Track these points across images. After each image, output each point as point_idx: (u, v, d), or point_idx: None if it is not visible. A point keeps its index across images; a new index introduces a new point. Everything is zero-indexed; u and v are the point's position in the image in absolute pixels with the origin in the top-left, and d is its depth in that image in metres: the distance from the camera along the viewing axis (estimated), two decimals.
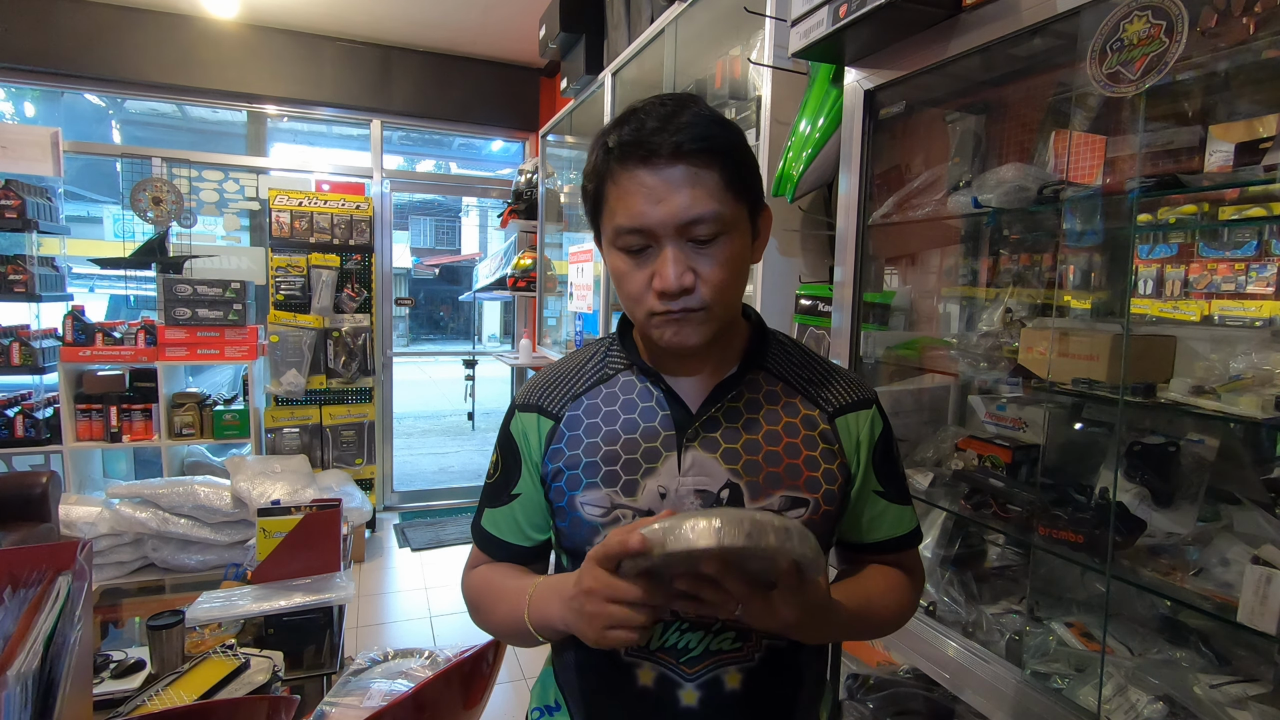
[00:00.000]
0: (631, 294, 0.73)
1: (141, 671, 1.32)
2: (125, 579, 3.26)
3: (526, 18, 3.69)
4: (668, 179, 0.67)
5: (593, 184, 0.74)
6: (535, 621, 0.75)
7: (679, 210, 0.67)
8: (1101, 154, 1.15)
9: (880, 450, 0.82)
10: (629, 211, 0.69)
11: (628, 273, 0.72)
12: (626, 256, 0.72)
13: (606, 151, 0.71)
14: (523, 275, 4.34)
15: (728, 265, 0.70)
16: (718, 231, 0.69)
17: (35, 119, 4.65)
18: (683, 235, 0.69)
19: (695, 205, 0.67)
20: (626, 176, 0.69)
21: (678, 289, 0.68)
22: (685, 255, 0.69)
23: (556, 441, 0.80)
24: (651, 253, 0.70)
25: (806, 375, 0.82)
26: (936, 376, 1.57)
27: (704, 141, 0.67)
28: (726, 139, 0.70)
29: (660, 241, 0.69)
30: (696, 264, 0.70)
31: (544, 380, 0.85)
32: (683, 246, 0.69)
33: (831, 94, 1.56)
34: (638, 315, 0.74)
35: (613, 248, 0.73)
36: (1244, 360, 1.03)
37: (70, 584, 0.84)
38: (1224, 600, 0.93)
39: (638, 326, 0.77)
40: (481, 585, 0.86)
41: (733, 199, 0.70)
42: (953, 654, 1.23)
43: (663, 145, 0.67)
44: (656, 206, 0.68)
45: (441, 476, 6.03)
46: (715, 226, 0.69)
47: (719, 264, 0.70)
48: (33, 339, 3.45)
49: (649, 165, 0.68)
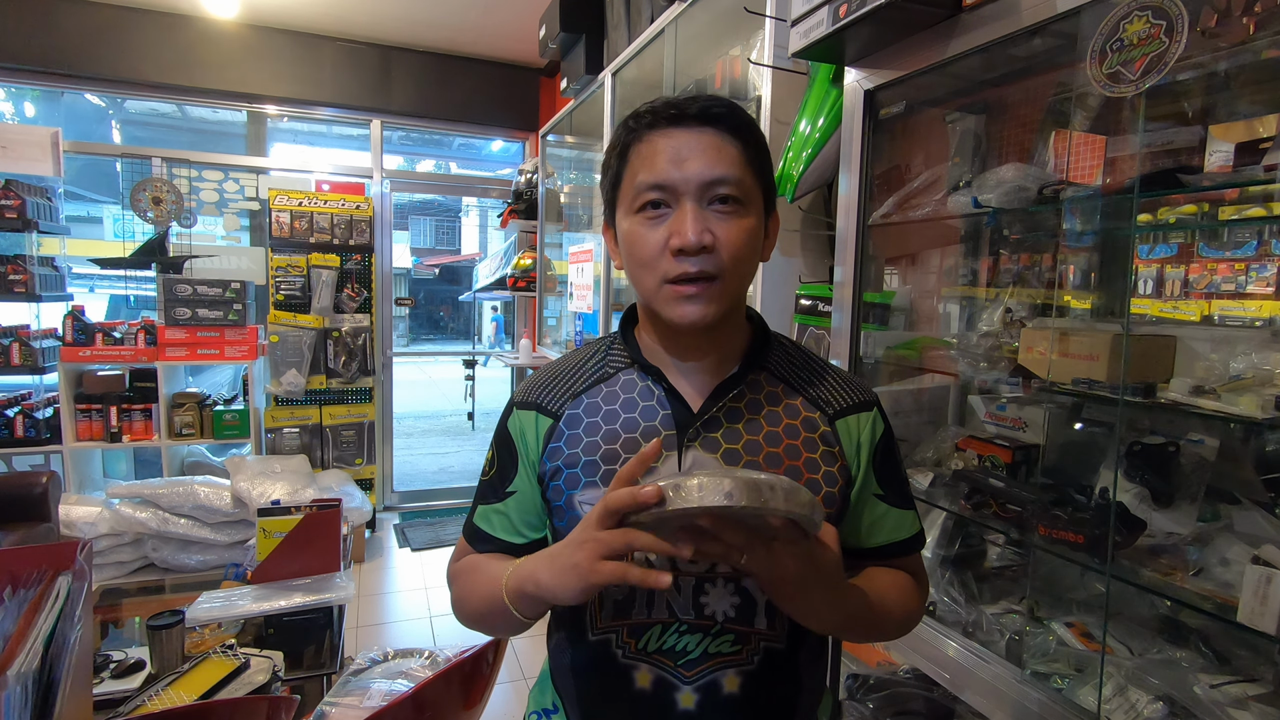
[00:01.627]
0: (645, 258, 0.72)
1: (141, 671, 1.32)
2: (125, 579, 3.26)
3: (526, 18, 3.69)
4: (694, 139, 0.70)
5: (617, 150, 0.76)
6: (512, 589, 0.72)
7: (703, 168, 0.69)
8: (1101, 154, 1.15)
9: (881, 453, 0.81)
10: (653, 168, 0.71)
11: (643, 235, 0.72)
12: (643, 219, 0.72)
13: (636, 118, 0.74)
14: (523, 275, 4.34)
15: (745, 235, 0.72)
16: (738, 198, 0.71)
17: (35, 119, 4.65)
18: (703, 196, 0.70)
19: (719, 165, 0.70)
20: (656, 134, 0.72)
21: (697, 245, 0.69)
22: (704, 216, 0.70)
23: (555, 440, 0.79)
24: (668, 215, 0.71)
25: (807, 377, 0.82)
26: (936, 376, 1.57)
27: (731, 113, 0.71)
28: (751, 120, 0.74)
29: (680, 200, 0.71)
30: (715, 226, 0.70)
31: (543, 378, 0.85)
32: (703, 207, 0.71)
33: (831, 94, 1.56)
34: (649, 285, 0.73)
35: (629, 213, 0.74)
36: (1244, 360, 1.03)
37: (70, 584, 0.84)
38: (1224, 600, 0.93)
39: (647, 302, 0.77)
40: (466, 568, 0.85)
41: (753, 176, 0.72)
42: (953, 654, 1.23)
43: (691, 107, 0.70)
44: (682, 164, 0.70)
45: (441, 476, 6.02)
46: (737, 191, 0.71)
47: (737, 231, 0.71)
48: (33, 339, 3.45)
49: (678, 124, 0.71)
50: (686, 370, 0.79)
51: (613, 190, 0.77)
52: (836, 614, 0.69)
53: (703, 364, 0.79)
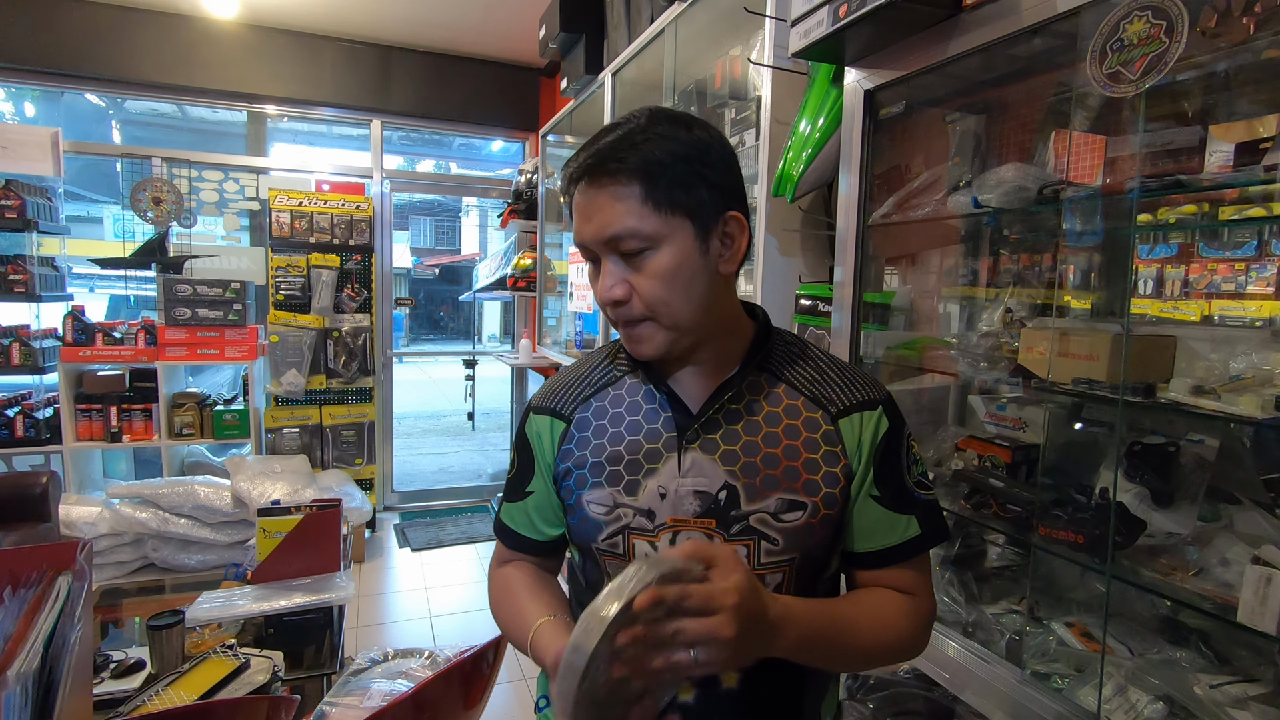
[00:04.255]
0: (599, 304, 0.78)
1: (141, 671, 1.32)
2: (125, 579, 3.26)
3: (526, 18, 3.69)
4: (594, 197, 0.73)
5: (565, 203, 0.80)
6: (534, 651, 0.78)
7: (600, 227, 0.73)
8: (1101, 154, 1.15)
9: (881, 452, 0.78)
10: (577, 228, 0.76)
11: (593, 284, 0.78)
12: (590, 269, 0.78)
13: (566, 171, 0.77)
14: (523, 275, 4.34)
15: (660, 278, 0.73)
16: (644, 246, 0.72)
17: (35, 119, 4.65)
18: (613, 250, 0.73)
19: (614, 223, 0.72)
20: (576, 191, 0.75)
21: (606, 300, 0.75)
22: (621, 269, 0.74)
23: (568, 442, 0.84)
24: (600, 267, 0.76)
25: (810, 376, 0.81)
26: (936, 376, 1.57)
27: (617, 163, 0.71)
28: (644, 156, 0.70)
29: (599, 257, 0.75)
30: (631, 276, 0.74)
31: (558, 383, 0.90)
32: (617, 261, 0.74)
33: (831, 94, 1.56)
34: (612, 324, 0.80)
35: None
36: (1244, 360, 1.03)
37: (70, 584, 0.84)
38: (1224, 600, 0.93)
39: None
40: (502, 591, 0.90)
41: (655, 213, 0.71)
42: (953, 654, 1.23)
43: (591, 160, 0.72)
44: (587, 225, 0.74)
45: (441, 476, 6.02)
46: (638, 242, 0.72)
47: (649, 276, 0.73)
48: (33, 339, 3.45)
49: (580, 187, 0.74)
50: (686, 374, 0.81)
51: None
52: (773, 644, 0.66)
53: (701, 368, 0.80)
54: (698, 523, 0.76)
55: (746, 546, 0.75)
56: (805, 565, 0.77)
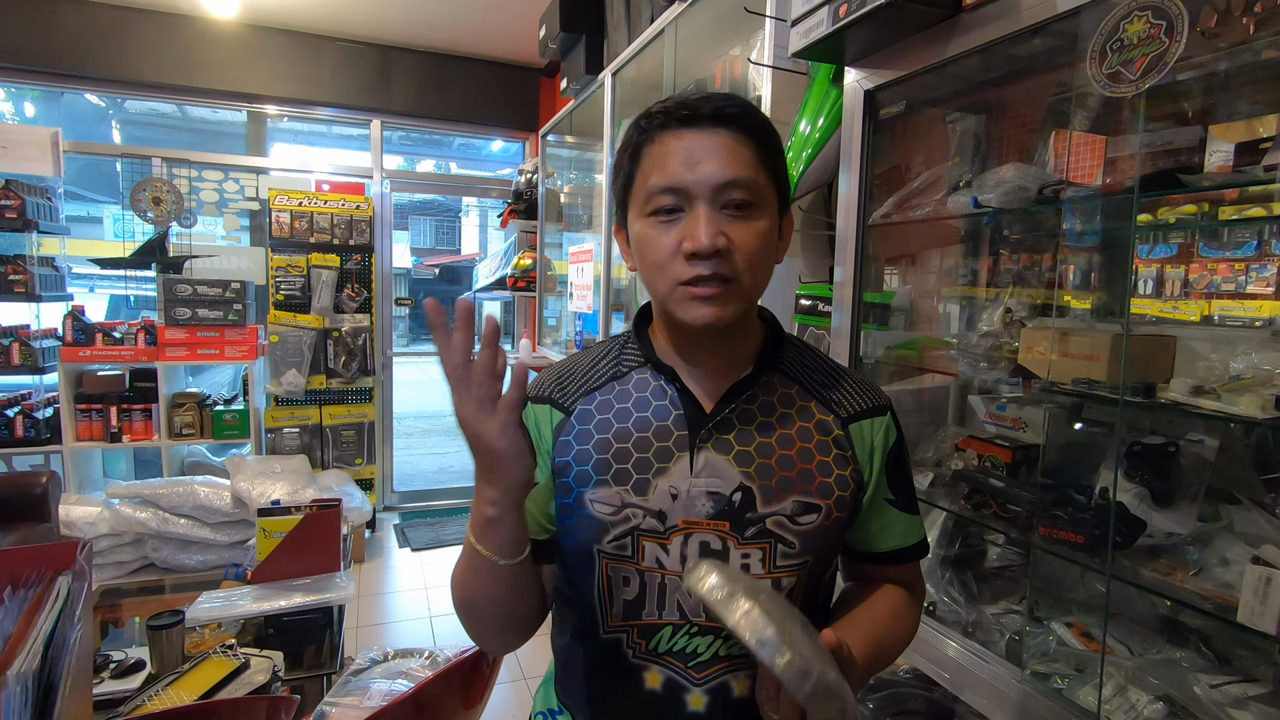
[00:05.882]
0: (657, 261, 0.71)
1: (141, 671, 1.32)
2: (125, 579, 3.26)
3: (526, 18, 3.69)
4: (707, 141, 0.69)
5: (629, 151, 0.74)
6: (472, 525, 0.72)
7: (716, 171, 0.68)
8: (1101, 154, 1.15)
9: (893, 458, 0.81)
10: (665, 170, 0.69)
11: (656, 238, 0.71)
12: (655, 221, 0.71)
13: (649, 118, 0.72)
14: (523, 275, 4.34)
15: (759, 238, 0.70)
16: (752, 201, 0.69)
17: (35, 119, 4.65)
18: (717, 199, 0.69)
19: (732, 168, 0.68)
20: (668, 136, 0.70)
21: (710, 248, 0.67)
22: (718, 219, 0.69)
23: (565, 434, 0.78)
24: (681, 217, 0.70)
25: (821, 380, 0.81)
26: (936, 376, 1.57)
27: (745, 113, 0.70)
28: (765, 120, 0.72)
29: (693, 203, 0.69)
30: (728, 229, 0.69)
31: (557, 373, 0.84)
32: (716, 210, 0.69)
33: (831, 94, 1.56)
34: (662, 288, 0.72)
35: (641, 215, 0.72)
36: (1244, 360, 1.03)
37: (70, 584, 0.84)
38: (1224, 600, 0.93)
39: (661, 304, 0.75)
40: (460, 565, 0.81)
41: (766, 177, 0.71)
42: (953, 654, 1.23)
43: (705, 107, 0.69)
44: (695, 166, 0.68)
45: (441, 476, 6.02)
46: (750, 194, 0.69)
47: (751, 233, 0.70)
48: (33, 339, 3.45)
49: (691, 125, 0.69)
50: (700, 371, 0.78)
51: (624, 191, 0.76)
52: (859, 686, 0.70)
53: (716, 365, 0.78)
54: (710, 525, 0.74)
55: (762, 550, 0.74)
56: (815, 567, 0.77)
